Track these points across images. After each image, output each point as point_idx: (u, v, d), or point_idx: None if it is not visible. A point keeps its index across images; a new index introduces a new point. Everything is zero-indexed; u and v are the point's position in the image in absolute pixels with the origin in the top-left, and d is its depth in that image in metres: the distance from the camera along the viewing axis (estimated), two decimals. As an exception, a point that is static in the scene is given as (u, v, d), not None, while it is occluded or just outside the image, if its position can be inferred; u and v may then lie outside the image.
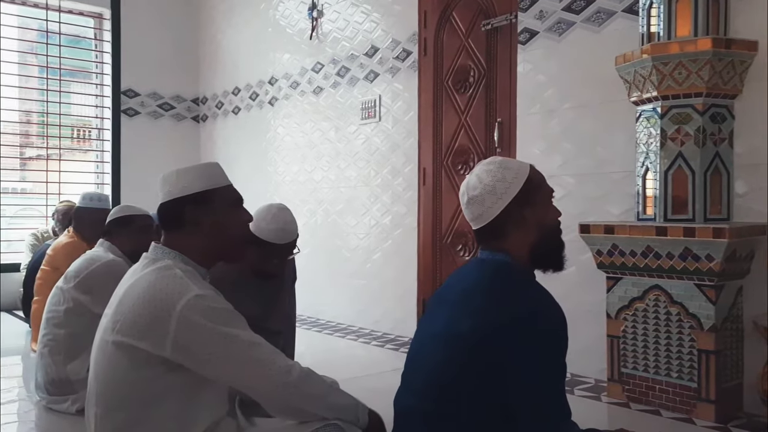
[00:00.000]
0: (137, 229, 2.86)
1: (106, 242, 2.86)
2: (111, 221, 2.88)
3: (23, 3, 5.90)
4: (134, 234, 2.85)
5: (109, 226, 2.89)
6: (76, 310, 2.67)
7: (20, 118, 6.11)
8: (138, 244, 2.83)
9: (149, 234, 2.89)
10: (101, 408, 1.42)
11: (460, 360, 1.32)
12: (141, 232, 2.86)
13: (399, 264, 4.39)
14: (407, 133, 4.35)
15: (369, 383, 3.00)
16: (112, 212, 2.92)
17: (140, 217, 2.90)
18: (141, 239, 2.84)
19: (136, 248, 2.82)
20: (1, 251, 5.71)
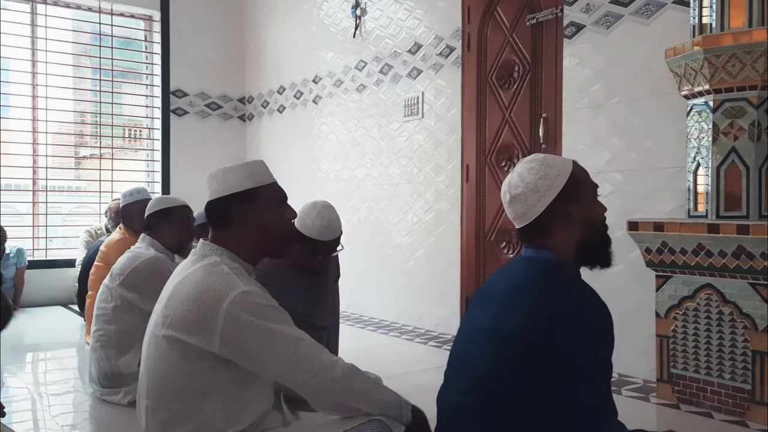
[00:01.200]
0: (176, 221, 2.88)
1: (147, 237, 2.89)
2: (150, 215, 2.89)
3: (78, 7, 6.11)
4: (174, 226, 2.87)
5: (148, 220, 2.91)
6: (124, 307, 2.73)
7: (75, 119, 6.33)
8: (179, 236, 2.89)
9: (188, 225, 2.94)
10: (152, 400, 1.46)
11: (505, 358, 1.31)
12: (180, 223, 2.89)
13: (442, 261, 4.38)
14: (450, 130, 4.33)
15: (412, 380, 3.00)
16: (149, 206, 2.94)
17: (178, 208, 2.90)
18: (181, 231, 2.90)
19: (177, 240, 2.90)
20: (57, 248, 5.94)
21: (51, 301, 5.52)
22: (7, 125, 6.10)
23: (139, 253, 2.82)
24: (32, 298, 5.36)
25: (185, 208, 2.94)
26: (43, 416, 2.76)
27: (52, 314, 5.16)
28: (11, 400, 2.90)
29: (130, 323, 2.67)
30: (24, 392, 3.09)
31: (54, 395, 3.06)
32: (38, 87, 5.84)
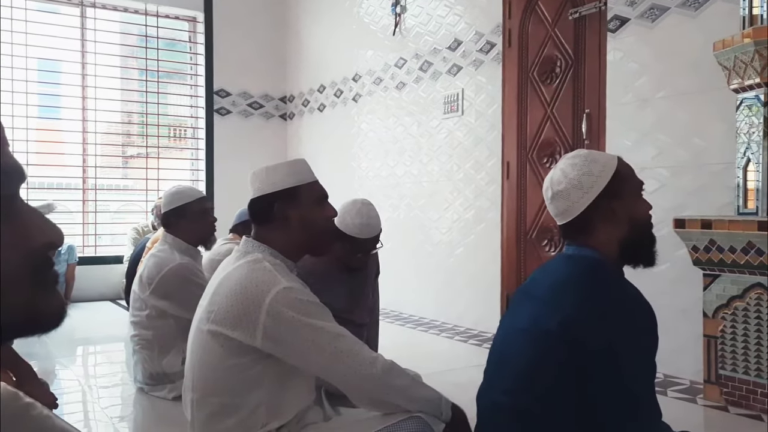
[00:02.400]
0: (194, 216, 2.77)
1: (168, 236, 2.80)
2: (166, 212, 2.79)
3: (125, 10, 6.27)
4: (191, 222, 2.77)
5: (165, 218, 2.81)
6: (157, 315, 2.72)
7: (122, 119, 6.51)
8: (199, 232, 2.79)
9: (207, 218, 2.82)
10: (198, 393, 1.50)
11: (547, 357, 1.30)
12: (198, 217, 2.78)
13: (482, 259, 4.35)
14: (490, 127, 4.29)
15: (452, 378, 3.00)
16: (165, 201, 2.82)
17: (194, 203, 2.78)
18: (200, 226, 2.79)
19: (198, 235, 2.79)
20: (105, 244, 6.12)
21: (100, 296, 5.69)
22: (59, 126, 6.32)
23: (163, 258, 2.73)
24: (82, 294, 5.53)
25: (201, 200, 2.82)
26: (92, 408, 2.85)
27: (100, 309, 5.32)
28: (63, 392, 3.00)
29: (166, 328, 2.69)
30: (75, 384, 3.19)
31: (103, 388, 3.16)
32: (87, 88, 6.02)
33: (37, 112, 5.94)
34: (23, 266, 0.48)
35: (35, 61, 5.83)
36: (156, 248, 2.84)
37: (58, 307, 0.52)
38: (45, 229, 0.51)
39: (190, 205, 2.77)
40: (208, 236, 2.87)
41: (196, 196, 2.82)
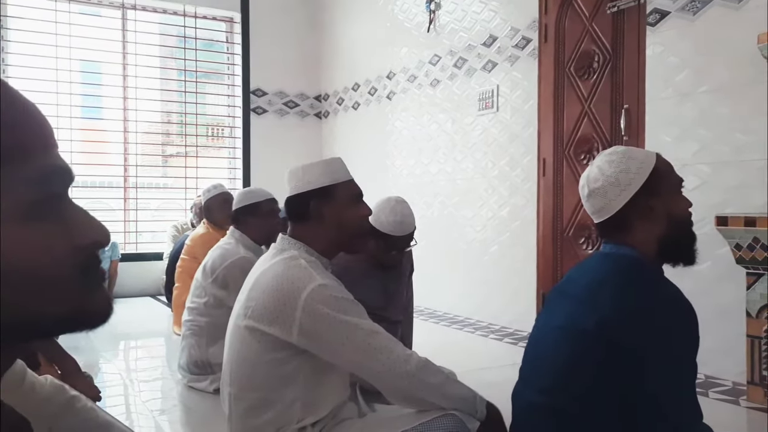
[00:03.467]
0: (263, 215, 2.93)
1: (236, 231, 2.97)
2: (238, 209, 2.96)
3: (164, 11, 6.40)
4: (261, 220, 2.93)
5: (236, 214, 2.97)
6: (215, 303, 2.86)
7: (161, 119, 6.65)
8: (266, 230, 2.94)
9: (275, 218, 2.97)
10: (235, 388, 1.53)
11: (584, 356, 1.29)
12: (267, 217, 2.94)
13: (517, 257, 4.31)
14: (526, 123, 4.25)
15: (487, 376, 2.98)
16: (237, 199, 3.00)
17: (264, 202, 2.95)
18: (268, 225, 2.94)
19: (264, 234, 2.96)
20: (146, 241, 6.26)
21: (141, 292, 5.82)
22: (101, 126, 6.49)
23: (228, 251, 2.90)
24: (124, 289, 5.67)
25: (271, 201, 2.99)
26: (134, 401, 2.92)
27: (142, 304, 5.45)
28: (106, 385, 3.08)
29: (220, 318, 2.78)
30: (117, 378, 3.28)
31: (144, 381, 3.23)
32: (128, 89, 6.17)
33: (80, 113, 6.11)
34: (72, 264, 0.50)
35: (78, 63, 5.99)
36: (223, 241, 3.00)
37: (105, 303, 0.53)
38: (93, 227, 0.52)
39: (260, 204, 2.94)
40: (272, 235, 2.98)
41: (266, 196, 2.98)
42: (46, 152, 0.50)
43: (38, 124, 0.51)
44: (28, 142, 0.49)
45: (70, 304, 0.50)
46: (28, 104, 0.51)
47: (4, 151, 0.47)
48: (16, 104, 0.49)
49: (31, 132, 0.50)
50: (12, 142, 0.47)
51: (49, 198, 0.49)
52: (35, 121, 0.51)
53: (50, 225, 0.49)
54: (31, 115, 0.50)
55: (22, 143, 0.48)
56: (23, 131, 0.49)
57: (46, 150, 0.50)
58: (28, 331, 0.49)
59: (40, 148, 0.50)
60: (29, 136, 0.49)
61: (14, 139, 0.48)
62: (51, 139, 0.52)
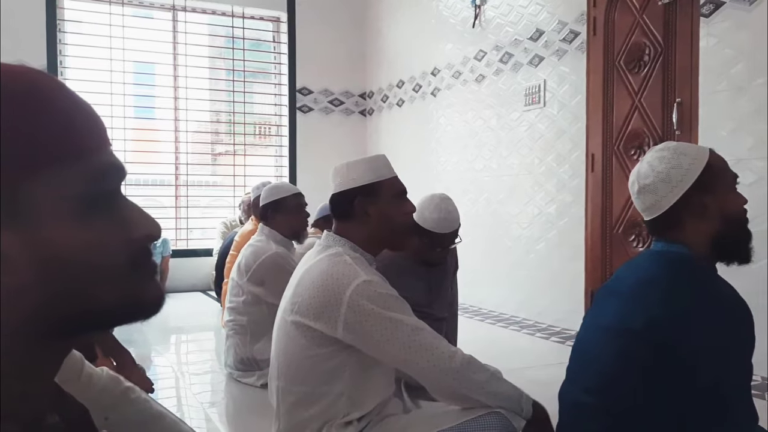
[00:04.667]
0: (289, 210, 2.96)
1: (265, 227, 3.00)
2: (265, 205, 2.99)
3: (213, 12, 6.53)
4: (287, 215, 2.96)
5: (263, 211, 3.00)
6: (252, 301, 2.89)
7: (211, 118, 6.79)
8: (293, 225, 2.99)
9: (301, 213, 3.01)
10: (282, 381, 1.56)
11: (632, 356, 1.26)
12: (293, 212, 2.97)
13: (565, 254, 4.24)
14: (574, 118, 4.18)
15: (533, 375, 2.95)
16: (263, 196, 3.02)
17: (290, 198, 2.97)
18: (295, 220, 2.98)
19: (292, 229, 3.00)
20: (196, 238, 6.42)
21: (191, 287, 5.97)
22: (153, 125, 6.68)
23: (260, 248, 2.92)
24: (175, 285, 5.81)
25: (297, 196, 3.01)
26: (185, 393, 3.00)
27: (192, 299, 5.59)
28: (158, 377, 3.18)
29: (260, 315, 2.83)
30: (169, 371, 3.38)
31: (194, 374, 3.32)
32: (179, 89, 6.32)
33: (133, 113, 6.29)
34: (125, 256, 0.52)
35: (132, 65, 6.17)
36: (254, 239, 3.03)
37: (157, 295, 0.55)
38: (145, 221, 0.55)
39: (286, 199, 2.97)
40: (300, 230, 3.06)
41: (292, 191, 3.01)
42: (100, 150, 0.53)
43: (93, 124, 0.53)
44: (84, 140, 0.51)
45: (124, 294, 0.52)
46: (84, 104, 0.53)
47: (63, 149, 0.49)
48: (74, 105, 0.52)
49: (87, 131, 0.52)
50: (70, 140, 0.50)
51: (103, 194, 0.51)
52: (91, 120, 0.53)
53: (105, 219, 0.51)
54: (87, 114, 0.53)
55: (79, 142, 0.51)
56: (80, 130, 0.51)
57: (100, 148, 0.53)
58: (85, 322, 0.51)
59: (95, 146, 0.52)
60: (85, 135, 0.52)
61: (72, 138, 0.50)
62: (105, 137, 0.54)
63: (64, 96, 0.51)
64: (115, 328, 1.57)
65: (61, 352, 0.54)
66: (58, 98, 0.51)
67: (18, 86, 0.48)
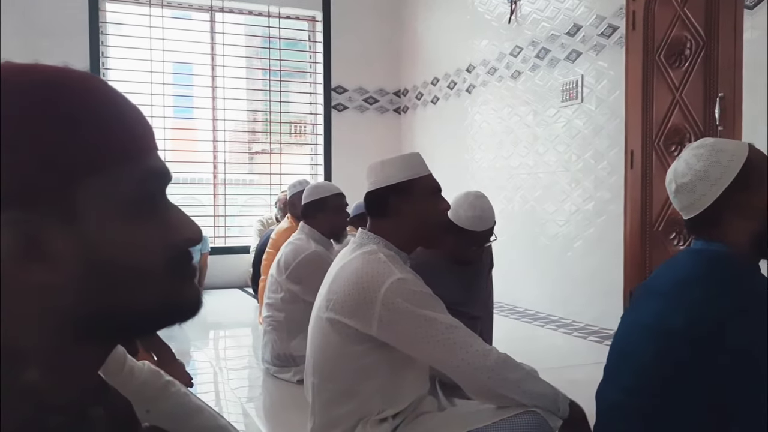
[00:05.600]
0: (331, 210, 2.99)
1: (306, 226, 3.04)
2: (306, 204, 3.03)
3: (249, 13, 6.61)
4: (328, 215, 2.99)
5: (305, 209, 3.04)
6: (290, 298, 2.92)
7: (248, 117, 6.88)
8: (333, 225, 3.02)
9: (342, 213, 3.04)
10: (317, 378, 1.58)
11: (671, 356, 1.24)
12: (334, 212, 3.00)
13: (603, 253, 4.18)
14: (612, 114, 4.10)
15: (570, 374, 2.91)
16: (305, 194, 3.06)
17: (332, 197, 3.01)
18: (335, 219, 3.02)
19: (332, 228, 3.03)
20: (233, 235, 6.52)
21: (229, 284, 6.06)
22: (191, 125, 6.80)
23: (300, 246, 2.96)
24: (213, 281, 5.92)
25: (339, 196, 3.04)
26: (223, 388, 3.05)
27: (230, 296, 5.67)
28: (197, 372, 3.24)
29: (297, 312, 2.85)
30: (207, 366, 3.44)
31: (232, 370, 3.38)
32: (217, 89, 6.42)
33: (172, 113, 6.42)
34: (166, 259, 0.53)
35: (171, 65, 6.29)
36: (294, 237, 3.07)
37: (196, 298, 0.56)
38: (187, 225, 0.56)
39: (328, 199, 3.00)
40: (340, 230, 3.09)
41: (334, 191, 3.04)
42: (148, 154, 0.54)
43: (142, 127, 0.54)
44: (133, 144, 0.52)
45: (164, 296, 0.53)
46: (133, 107, 0.54)
47: (112, 152, 0.50)
48: (123, 108, 0.53)
49: (136, 135, 0.53)
50: (119, 144, 0.51)
51: (149, 197, 0.53)
52: (140, 124, 0.54)
53: (148, 223, 0.52)
54: (136, 118, 0.54)
55: (128, 145, 0.52)
56: (129, 134, 0.52)
57: (148, 152, 0.54)
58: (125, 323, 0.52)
59: (144, 149, 0.53)
60: (134, 138, 0.53)
61: (121, 141, 0.51)
62: (152, 141, 0.55)
63: (114, 99, 0.53)
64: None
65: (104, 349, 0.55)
66: (108, 101, 0.52)
67: (70, 89, 0.50)
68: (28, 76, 0.49)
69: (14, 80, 0.48)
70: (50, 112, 0.48)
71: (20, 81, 0.49)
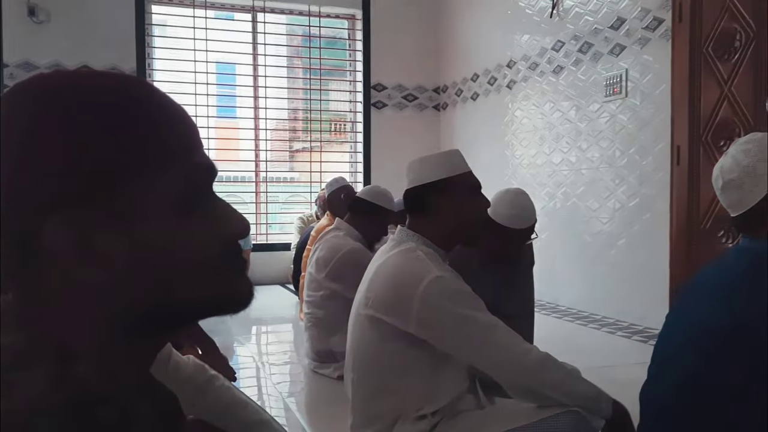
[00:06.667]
0: (380, 221, 3.02)
1: (343, 223, 3.05)
2: (363, 201, 3.03)
3: (291, 12, 6.68)
4: (374, 224, 3.02)
5: (358, 204, 3.05)
6: (330, 296, 2.94)
7: (289, 116, 6.96)
8: (375, 234, 3.04)
9: (385, 229, 3.06)
10: (357, 374, 1.59)
11: (718, 356, 1.21)
12: (380, 224, 3.03)
13: (647, 250, 4.08)
14: (657, 109, 4.01)
15: (613, 375, 2.87)
16: (367, 192, 3.08)
17: (389, 212, 3.03)
18: (378, 231, 3.05)
19: (371, 236, 3.04)
20: (275, 232, 6.60)
21: (271, 280, 6.14)
22: (234, 124, 6.91)
23: (337, 244, 2.96)
24: (255, 278, 5.75)
25: (393, 213, 3.05)
26: (265, 383, 3.10)
27: (271, 292, 5.75)
28: (240, 367, 3.30)
29: (337, 309, 2.86)
30: (250, 361, 3.50)
31: (274, 365, 3.43)
32: (258, 88, 6.51)
33: (215, 112, 6.54)
34: (217, 253, 0.55)
35: (214, 66, 6.41)
36: (331, 234, 3.08)
37: (247, 290, 0.58)
38: (235, 219, 0.57)
39: (385, 210, 3.02)
40: (375, 241, 3.11)
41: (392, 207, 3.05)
42: (194, 151, 0.56)
43: (188, 126, 0.56)
44: (180, 142, 0.54)
45: (215, 290, 0.55)
46: (180, 108, 0.56)
47: (161, 151, 0.52)
48: (171, 108, 0.55)
49: (182, 133, 0.55)
50: (167, 143, 0.53)
51: (197, 193, 0.54)
52: (185, 123, 0.56)
53: (198, 217, 0.54)
54: (182, 117, 0.56)
55: (176, 144, 0.54)
56: (176, 133, 0.55)
57: (194, 149, 0.56)
58: (178, 315, 0.55)
59: (190, 147, 0.55)
60: (181, 137, 0.55)
61: (169, 140, 0.53)
62: (198, 139, 0.57)
63: (162, 100, 0.55)
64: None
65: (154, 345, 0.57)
66: (157, 103, 0.54)
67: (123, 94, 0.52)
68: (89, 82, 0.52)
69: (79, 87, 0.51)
70: (105, 116, 0.50)
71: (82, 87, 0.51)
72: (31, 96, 0.51)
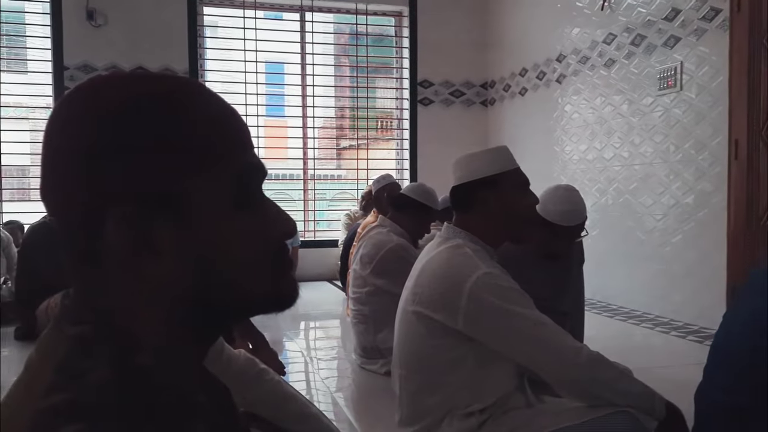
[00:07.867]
0: (421, 218, 3.02)
1: (386, 219, 3.06)
2: (409, 198, 3.03)
3: (338, 11, 6.73)
4: (417, 222, 3.02)
5: (403, 200, 3.06)
6: (375, 292, 2.95)
7: (336, 114, 7.01)
8: (417, 231, 3.04)
9: (427, 227, 3.07)
10: (404, 370, 1.60)
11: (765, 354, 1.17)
12: (422, 220, 3.03)
13: (704, 248, 3.96)
14: (714, 102, 3.87)
15: (667, 375, 2.79)
16: (413, 189, 3.08)
17: (432, 210, 3.03)
18: (421, 228, 3.05)
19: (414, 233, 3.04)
20: (322, 229, 6.67)
21: (318, 276, 6.20)
22: (283, 123, 7.02)
23: (381, 240, 2.97)
24: (303, 274, 6.06)
25: (436, 212, 3.06)
26: (313, 378, 3.14)
27: (319, 288, 5.81)
28: (288, 361, 3.35)
29: (383, 305, 2.88)
30: (298, 356, 3.55)
31: (322, 360, 3.47)
32: (306, 87, 6.58)
33: (264, 111, 6.64)
34: (266, 252, 0.56)
35: (263, 65, 6.51)
36: (374, 231, 3.09)
37: (293, 289, 0.59)
38: (283, 219, 0.59)
39: (428, 209, 3.03)
40: (419, 237, 3.11)
41: (436, 205, 3.06)
42: (246, 152, 0.58)
43: (239, 126, 0.58)
44: (233, 143, 0.56)
45: (264, 287, 0.57)
46: (231, 108, 0.58)
47: (216, 151, 0.54)
48: (222, 109, 0.57)
49: (234, 133, 0.57)
50: (221, 143, 0.55)
51: (248, 192, 0.56)
52: (237, 123, 0.58)
53: (249, 216, 0.56)
54: (234, 118, 0.58)
55: (229, 144, 0.56)
56: (229, 133, 0.56)
57: (246, 149, 0.58)
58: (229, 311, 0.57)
59: (242, 148, 0.57)
60: (234, 137, 0.57)
61: (223, 141, 0.55)
62: (249, 139, 0.59)
63: (214, 101, 0.57)
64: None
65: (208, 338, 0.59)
66: (210, 103, 0.56)
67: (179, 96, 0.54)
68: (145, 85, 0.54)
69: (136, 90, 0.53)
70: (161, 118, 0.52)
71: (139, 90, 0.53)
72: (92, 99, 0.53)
